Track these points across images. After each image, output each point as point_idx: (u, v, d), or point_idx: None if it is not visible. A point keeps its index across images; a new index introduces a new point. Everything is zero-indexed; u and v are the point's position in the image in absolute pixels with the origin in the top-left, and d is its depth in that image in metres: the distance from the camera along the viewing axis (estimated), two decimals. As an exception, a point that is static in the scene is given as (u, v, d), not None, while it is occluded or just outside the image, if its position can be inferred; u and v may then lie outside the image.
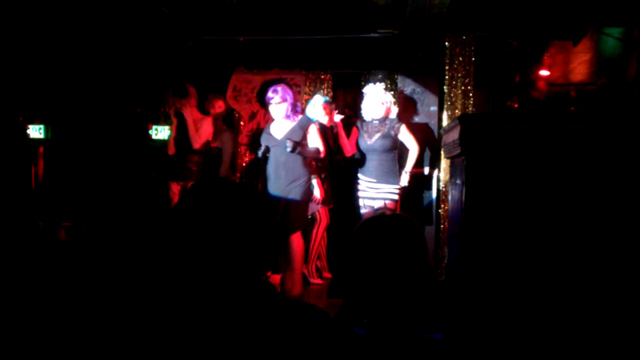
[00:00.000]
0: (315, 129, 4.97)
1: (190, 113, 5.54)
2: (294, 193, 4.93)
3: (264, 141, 5.09)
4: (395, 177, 5.36)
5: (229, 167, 6.16)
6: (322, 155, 5.00)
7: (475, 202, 2.34)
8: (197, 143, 5.52)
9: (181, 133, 5.61)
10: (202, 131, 5.54)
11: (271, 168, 5.04)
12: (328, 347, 1.40)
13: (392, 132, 5.34)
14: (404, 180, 5.36)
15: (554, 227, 2.32)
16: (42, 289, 4.86)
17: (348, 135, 5.64)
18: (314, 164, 5.22)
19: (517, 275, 2.32)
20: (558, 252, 2.32)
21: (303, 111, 5.08)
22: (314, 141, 4.96)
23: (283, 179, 4.93)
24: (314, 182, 5.30)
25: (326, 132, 5.52)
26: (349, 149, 5.57)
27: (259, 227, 1.44)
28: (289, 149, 4.79)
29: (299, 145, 4.85)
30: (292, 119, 4.99)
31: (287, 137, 4.90)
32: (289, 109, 4.97)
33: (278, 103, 4.93)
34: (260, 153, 5.07)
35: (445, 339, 2.04)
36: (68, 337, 3.29)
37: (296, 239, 4.95)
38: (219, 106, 6.18)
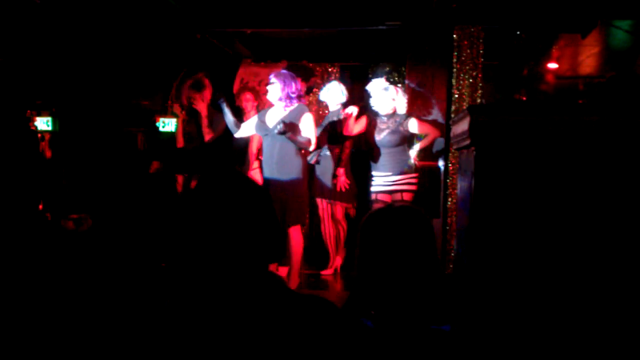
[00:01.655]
0: (310, 118, 4.81)
1: (205, 107, 5.49)
2: (289, 185, 4.76)
3: (256, 128, 4.94)
4: (409, 166, 5.38)
5: (255, 159, 6.04)
6: (311, 146, 4.82)
7: (485, 194, 2.33)
8: (208, 136, 5.47)
9: (193, 126, 5.60)
10: (215, 125, 5.47)
11: (265, 159, 4.89)
12: (335, 338, 1.40)
13: (401, 128, 5.35)
14: (413, 153, 5.35)
15: (565, 220, 2.31)
16: (46, 282, 4.87)
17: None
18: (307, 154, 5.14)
19: (527, 269, 2.31)
20: (569, 246, 2.30)
21: (298, 100, 4.92)
22: (307, 130, 4.77)
23: (276, 170, 4.77)
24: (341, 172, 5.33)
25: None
26: (349, 131, 5.48)
27: (264, 219, 1.44)
28: (279, 130, 4.62)
29: (290, 128, 4.67)
30: (287, 105, 4.82)
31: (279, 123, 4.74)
32: (283, 92, 4.77)
33: (271, 84, 4.81)
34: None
35: (453, 330, 2.04)
36: (71, 333, 3.30)
37: (294, 233, 4.82)
38: (246, 99, 6.04)
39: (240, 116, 5.17)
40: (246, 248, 1.40)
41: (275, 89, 4.80)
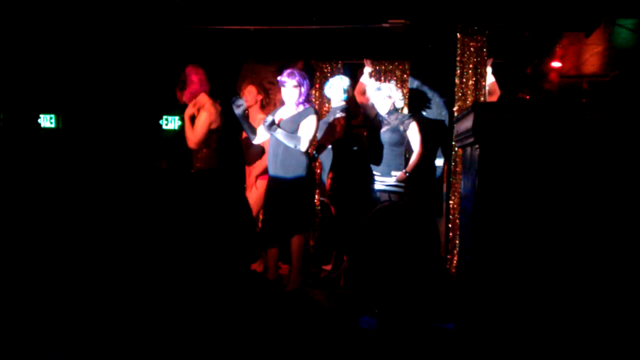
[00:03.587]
0: (313, 120, 4.75)
1: (192, 104, 5.21)
2: (292, 185, 4.73)
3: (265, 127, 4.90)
4: (402, 169, 5.32)
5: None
6: (302, 148, 4.71)
7: (488, 192, 2.33)
8: (191, 142, 5.01)
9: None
10: (196, 126, 5.02)
11: (269, 157, 4.86)
12: (319, 336, 1.40)
13: (401, 127, 5.31)
14: (400, 176, 5.25)
15: (569, 218, 2.30)
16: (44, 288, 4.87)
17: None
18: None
19: (531, 266, 2.31)
20: (572, 243, 2.30)
21: (310, 102, 4.92)
22: (304, 130, 4.73)
23: (280, 168, 4.74)
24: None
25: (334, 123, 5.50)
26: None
27: (237, 219, 1.43)
28: (266, 123, 4.68)
29: (278, 125, 4.72)
30: (298, 107, 4.82)
31: (284, 123, 4.76)
32: (302, 94, 4.76)
33: (294, 87, 4.74)
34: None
35: (457, 328, 2.03)
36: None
37: (295, 237, 4.79)
38: (248, 91, 5.71)
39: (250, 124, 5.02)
40: (223, 248, 1.39)
41: (295, 93, 4.75)
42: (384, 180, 5.30)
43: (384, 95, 5.38)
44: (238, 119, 4.86)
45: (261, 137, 4.96)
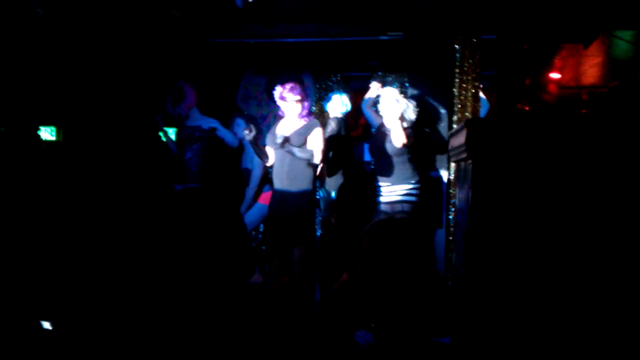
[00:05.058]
0: (319, 132, 4.78)
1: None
2: (298, 198, 4.73)
3: (268, 142, 4.92)
4: (410, 177, 5.29)
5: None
6: (316, 160, 4.76)
7: (482, 206, 2.33)
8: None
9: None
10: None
11: (275, 170, 4.86)
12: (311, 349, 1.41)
13: None
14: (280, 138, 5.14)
15: (561, 233, 2.31)
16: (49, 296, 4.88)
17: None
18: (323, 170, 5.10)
19: (525, 280, 2.32)
20: (565, 257, 2.31)
21: (312, 114, 4.97)
22: (314, 144, 4.76)
23: (286, 181, 4.74)
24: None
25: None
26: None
27: (230, 235, 1.45)
28: (278, 141, 4.67)
29: (296, 141, 4.70)
30: (301, 120, 4.86)
31: (291, 137, 4.74)
32: (305, 108, 4.79)
33: (297, 101, 4.74)
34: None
35: (453, 343, 2.04)
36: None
37: (297, 250, 4.75)
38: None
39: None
40: (218, 264, 1.41)
41: (297, 107, 4.77)
42: (395, 190, 5.28)
43: (398, 109, 5.23)
44: (250, 145, 4.93)
45: (272, 158, 4.96)
